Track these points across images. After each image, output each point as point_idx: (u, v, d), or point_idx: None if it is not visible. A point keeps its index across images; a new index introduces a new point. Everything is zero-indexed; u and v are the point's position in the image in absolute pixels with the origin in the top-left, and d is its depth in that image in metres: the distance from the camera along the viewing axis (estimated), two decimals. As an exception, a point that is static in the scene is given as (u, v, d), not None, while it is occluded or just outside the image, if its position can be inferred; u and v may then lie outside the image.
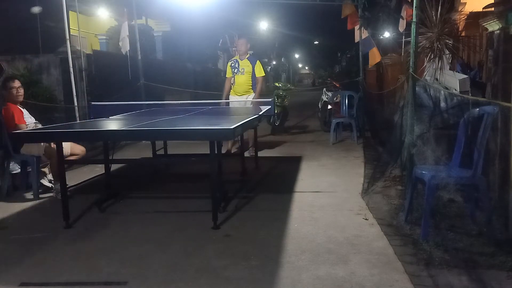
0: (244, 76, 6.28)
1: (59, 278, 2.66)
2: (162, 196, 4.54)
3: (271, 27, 28.26)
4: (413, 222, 3.32)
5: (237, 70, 6.32)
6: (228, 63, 6.55)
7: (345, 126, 7.94)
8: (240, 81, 6.30)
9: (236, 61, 6.39)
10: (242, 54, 6.41)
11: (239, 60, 6.38)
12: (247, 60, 6.35)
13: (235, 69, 6.34)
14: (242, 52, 6.41)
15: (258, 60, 6.47)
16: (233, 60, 6.50)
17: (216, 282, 2.57)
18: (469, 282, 2.44)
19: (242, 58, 6.37)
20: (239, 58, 6.40)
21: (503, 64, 3.20)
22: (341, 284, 2.49)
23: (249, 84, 6.32)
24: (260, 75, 6.31)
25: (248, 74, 6.29)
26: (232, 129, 3.26)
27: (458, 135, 3.20)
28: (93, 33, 12.41)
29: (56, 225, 3.51)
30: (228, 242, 3.19)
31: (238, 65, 6.34)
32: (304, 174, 5.24)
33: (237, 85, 6.32)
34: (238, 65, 6.34)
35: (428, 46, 3.82)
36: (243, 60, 6.36)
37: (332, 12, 11.84)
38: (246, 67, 6.29)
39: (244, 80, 6.29)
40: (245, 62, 6.33)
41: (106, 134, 3.84)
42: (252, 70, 6.29)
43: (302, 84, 50.39)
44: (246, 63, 6.32)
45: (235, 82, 6.33)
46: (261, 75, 6.33)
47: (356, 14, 8.59)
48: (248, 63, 6.32)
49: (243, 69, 6.29)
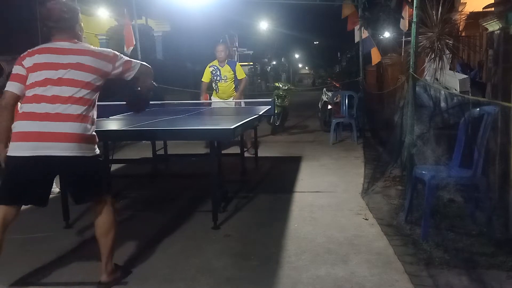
0: (227, 83, 6.16)
1: (59, 278, 2.66)
2: (162, 196, 4.54)
3: (271, 27, 28.23)
4: (413, 222, 3.32)
5: (219, 78, 6.15)
6: (208, 68, 6.23)
7: (345, 126, 7.93)
8: (224, 89, 6.18)
9: (217, 68, 6.15)
10: (222, 61, 6.14)
11: (219, 68, 6.14)
12: (227, 65, 6.15)
13: (216, 77, 6.15)
14: (223, 59, 6.14)
15: (236, 62, 6.32)
16: (213, 66, 6.19)
17: (216, 282, 2.57)
18: (469, 282, 2.44)
19: (222, 65, 6.14)
20: (219, 65, 6.15)
21: (503, 64, 3.20)
22: (341, 284, 2.49)
23: (233, 89, 6.22)
24: (242, 77, 6.19)
25: (231, 80, 6.17)
26: (232, 129, 3.26)
27: (458, 135, 3.20)
28: (93, 33, 12.40)
29: (56, 225, 3.51)
30: (228, 242, 3.19)
31: (219, 72, 6.14)
32: (304, 174, 5.24)
33: (221, 92, 6.20)
34: (220, 72, 6.14)
35: (428, 46, 3.81)
36: (224, 66, 6.14)
37: (332, 12, 11.83)
38: (228, 74, 6.13)
39: (228, 86, 6.18)
40: (226, 69, 6.14)
41: (106, 134, 3.84)
42: (234, 75, 6.15)
43: (302, 84, 50.32)
44: (227, 69, 6.14)
45: (218, 89, 6.21)
46: (243, 76, 6.21)
47: (356, 14, 8.58)
48: (229, 68, 6.14)
49: (225, 77, 6.13)
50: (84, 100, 2.32)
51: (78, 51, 2.39)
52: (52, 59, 2.34)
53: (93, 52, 2.42)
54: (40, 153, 2.22)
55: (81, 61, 2.35)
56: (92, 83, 2.37)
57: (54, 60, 2.34)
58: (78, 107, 2.28)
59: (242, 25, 22.73)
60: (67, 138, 2.23)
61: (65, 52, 2.36)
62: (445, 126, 3.92)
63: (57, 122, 2.23)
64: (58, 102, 2.26)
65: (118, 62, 2.51)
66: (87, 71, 2.34)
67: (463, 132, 3.16)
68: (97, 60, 2.40)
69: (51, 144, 2.22)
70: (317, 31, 32.66)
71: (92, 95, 2.38)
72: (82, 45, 2.46)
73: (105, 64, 2.43)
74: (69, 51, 2.37)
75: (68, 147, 2.24)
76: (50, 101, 2.26)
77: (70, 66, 2.32)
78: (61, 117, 2.24)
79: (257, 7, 22.38)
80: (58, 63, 2.33)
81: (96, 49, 2.48)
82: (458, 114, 3.68)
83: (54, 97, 2.26)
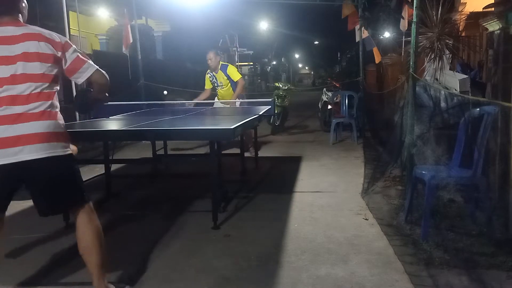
0: (224, 88, 6.18)
1: (59, 278, 2.66)
2: (162, 196, 4.54)
3: (271, 27, 28.27)
4: (413, 222, 3.32)
5: (217, 85, 6.19)
6: (206, 75, 6.27)
7: (345, 126, 7.93)
8: (223, 94, 6.22)
9: (213, 75, 6.18)
10: (214, 69, 6.12)
11: (214, 74, 6.17)
12: (220, 71, 6.12)
13: (215, 83, 6.19)
14: (214, 67, 6.10)
15: (228, 64, 6.23)
16: (210, 73, 6.22)
17: (216, 282, 2.57)
18: (469, 282, 2.44)
19: (216, 72, 6.14)
20: (213, 72, 6.17)
21: (503, 64, 3.20)
22: (341, 284, 2.49)
23: (232, 93, 6.17)
24: (237, 79, 6.10)
25: (227, 86, 6.16)
26: (232, 129, 3.26)
27: (458, 135, 3.20)
28: (93, 33, 12.41)
29: (56, 225, 3.51)
30: (228, 242, 3.19)
31: (216, 79, 6.17)
32: (304, 174, 5.24)
33: (221, 97, 6.24)
34: (216, 79, 6.17)
35: (428, 46, 3.82)
36: (218, 73, 6.13)
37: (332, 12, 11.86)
38: (223, 80, 6.13)
39: (226, 91, 6.19)
40: (220, 75, 6.13)
41: (106, 134, 3.84)
42: (229, 79, 6.11)
43: (302, 84, 50.40)
44: (221, 76, 6.13)
45: (218, 94, 6.28)
46: (238, 78, 6.12)
47: (356, 14, 8.59)
48: (222, 74, 6.11)
49: (221, 83, 6.15)
50: (44, 94, 2.08)
51: (24, 36, 2.09)
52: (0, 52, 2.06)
53: (36, 35, 2.11)
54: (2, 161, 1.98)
55: (27, 49, 2.07)
56: (46, 73, 2.10)
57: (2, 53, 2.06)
58: (40, 104, 2.06)
59: (242, 25, 22.76)
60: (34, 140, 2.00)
61: (11, 40, 2.07)
62: (445, 126, 3.92)
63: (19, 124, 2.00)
64: (18, 103, 2.02)
65: (68, 53, 2.20)
66: (36, 61, 2.08)
67: (463, 132, 3.16)
68: (41, 44, 2.10)
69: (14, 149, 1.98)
70: (317, 31, 32.71)
71: (51, 87, 2.13)
72: (26, 28, 2.14)
73: (53, 49, 2.13)
74: (15, 38, 2.08)
75: (35, 149, 2.01)
76: (10, 102, 2.02)
77: (19, 58, 2.06)
78: (23, 117, 2.01)
79: (257, 7, 22.41)
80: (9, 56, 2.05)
81: (43, 31, 2.17)
82: (458, 114, 3.68)
83: (13, 97, 2.02)
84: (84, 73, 2.24)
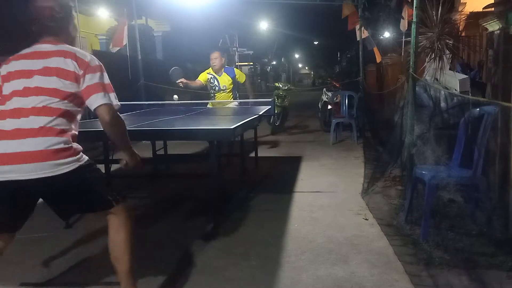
0: (226, 93, 5.75)
1: (59, 278, 2.66)
2: (162, 196, 4.54)
3: (271, 27, 28.27)
4: (413, 222, 3.31)
5: (218, 88, 5.70)
6: (206, 73, 5.78)
7: (345, 126, 7.94)
8: (221, 98, 5.77)
9: (215, 78, 5.68)
10: (218, 70, 5.66)
11: (217, 77, 5.67)
12: (225, 74, 5.68)
13: (215, 87, 5.71)
14: (218, 68, 5.64)
15: (234, 68, 5.95)
16: (210, 74, 5.72)
17: (216, 282, 2.57)
18: (469, 282, 2.44)
19: (220, 74, 5.67)
20: (216, 74, 5.68)
21: (503, 64, 3.20)
22: (341, 284, 2.49)
23: (230, 97, 5.79)
24: (243, 80, 5.80)
25: (229, 90, 5.74)
26: (232, 129, 3.26)
27: (458, 135, 3.20)
28: (93, 33, 12.41)
29: (56, 225, 3.51)
30: (228, 242, 3.19)
31: (218, 82, 5.68)
32: (304, 174, 5.24)
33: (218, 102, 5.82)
34: (218, 82, 5.68)
35: (428, 46, 3.82)
36: (222, 75, 5.67)
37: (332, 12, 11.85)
38: (227, 83, 5.68)
39: (227, 96, 5.77)
40: (224, 78, 5.67)
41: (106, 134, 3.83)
42: (233, 82, 5.72)
43: (302, 84, 50.43)
44: (226, 78, 5.67)
45: (215, 97, 5.79)
46: (244, 79, 5.83)
47: (356, 14, 8.60)
48: (228, 78, 5.68)
49: (224, 86, 5.68)
50: (48, 109, 1.90)
51: (53, 53, 2.01)
52: (25, 65, 1.99)
53: (66, 52, 2.01)
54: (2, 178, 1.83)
55: (48, 64, 1.97)
56: (60, 89, 1.94)
57: (27, 66, 1.99)
58: (40, 118, 1.87)
59: (242, 25, 22.77)
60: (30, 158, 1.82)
61: (41, 55, 2.01)
62: (445, 126, 3.93)
63: (16, 140, 1.83)
64: (20, 116, 1.88)
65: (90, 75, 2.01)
66: (53, 75, 1.95)
67: (463, 132, 3.16)
68: (67, 61, 1.98)
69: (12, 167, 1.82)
70: (317, 31, 32.69)
71: (63, 104, 1.94)
72: (62, 46, 2.05)
73: (76, 67, 1.99)
74: (45, 54, 2.01)
75: (32, 169, 1.82)
76: (12, 115, 1.89)
77: (37, 72, 1.96)
78: (21, 133, 1.84)
79: (257, 7, 22.42)
80: (30, 70, 1.97)
81: (78, 50, 2.06)
82: (458, 114, 3.69)
83: (17, 110, 1.89)
84: (94, 102, 2.00)
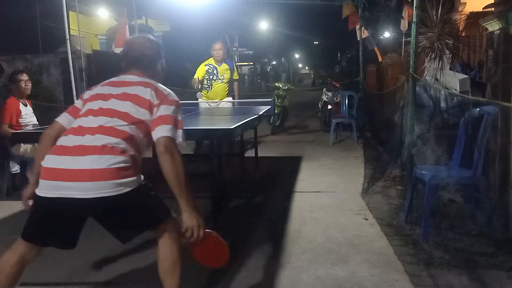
0: (223, 83, 5.82)
1: (59, 278, 2.66)
2: (161, 196, 4.53)
3: (271, 27, 28.27)
4: (413, 222, 3.31)
5: (217, 78, 5.75)
6: (203, 65, 5.81)
7: (345, 126, 7.93)
8: (218, 89, 5.80)
9: (214, 67, 5.76)
10: (220, 60, 5.75)
11: (216, 66, 5.76)
12: (225, 64, 5.79)
13: (213, 76, 5.75)
14: (221, 59, 5.74)
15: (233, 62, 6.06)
16: (209, 65, 5.79)
17: (217, 282, 2.57)
18: (469, 282, 2.44)
19: (219, 64, 5.76)
20: (216, 64, 5.76)
21: (503, 64, 3.20)
22: (341, 284, 2.49)
23: (226, 91, 5.91)
24: (236, 78, 6.00)
25: (227, 81, 5.84)
26: (232, 129, 3.26)
27: (458, 135, 3.20)
28: (93, 33, 12.41)
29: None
30: (228, 242, 3.18)
31: (216, 71, 5.75)
32: (304, 174, 5.24)
33: (214, 93, 5.80)
34: (217, 71, 5.75)
35: (428, 46, 3.82)
36: (221, 65, 5.76)
37: (332, 12, 11.86)
38: (226, 74, 5.78)
39: (223, 87, 5.84)
40: (223, 67, 5.77)
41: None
42: (230, 75, 5.85)
43: (302, 84, 50.36)
44: (225, 68, 5.78)
45: (211, 88, 5.79)
46: (238, 77, 6.06)
47: (356, 14, 8.60)
48: (227, 67, 5.80)
49: (223, 76, 5.76)
50: (115, 130, 1.88)
51: (136, 83, 2.05)
52: (107, 90, 2.04)
53: (147, 83, 2.05)
54: (61, 194, 1.79)
55: (128, 91, 2.01)
56: (131, 114, 1.94)
57: (107, 91, 2.03)
58: (104, 137, 1.85)
59: (242, 25, 22.77)
60: (89, 176, 1.78)
61: (124, 84, 2.05)
62: (445, 126, 3.93)
63: (77, 157, 1.80)
64: (85, 133, 1.88)
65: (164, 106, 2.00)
66: (128, 100, 1.97)
67: (463, 132, 3.16)
68: (147, 90, 2.01)
69: (71, 184, 1.78)
70: (317, 31, 32.72)
71: (129, 128, 1.92)
72: (146, 79, 2.09)
73: (153, 96, 2.00)
74: (128, 83, 2.05)
75: (92, 187, 1.78)
76: (78, 132, 1.89)
77: (114, 96, 1.99)
78: (83, 150, 1.82)
79: (257, 7, 22.42)
80: (110, 94, 2.01)
81: (159, 85, 2.09)
82: (458, 114, 3.68)
83: (83, 128, 1.90)
84: (158, 132, 1.95)
